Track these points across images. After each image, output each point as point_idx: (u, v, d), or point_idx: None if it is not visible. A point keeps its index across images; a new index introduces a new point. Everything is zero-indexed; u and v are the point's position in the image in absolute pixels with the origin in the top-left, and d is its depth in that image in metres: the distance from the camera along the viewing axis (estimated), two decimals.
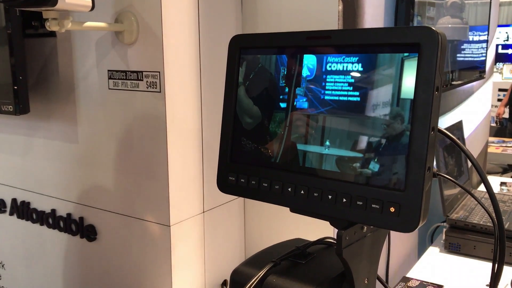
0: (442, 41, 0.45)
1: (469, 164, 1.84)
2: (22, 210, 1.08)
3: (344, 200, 0.49)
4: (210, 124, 0.90)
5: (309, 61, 0.53)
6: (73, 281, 1.03)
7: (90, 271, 0.99)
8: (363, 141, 0.49)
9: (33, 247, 1.08)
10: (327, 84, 0.52)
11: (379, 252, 0.61)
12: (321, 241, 0.62)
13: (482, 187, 2.04)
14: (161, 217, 0.85)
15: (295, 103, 0.53)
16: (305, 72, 0.53)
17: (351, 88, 0.50)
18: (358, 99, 0.49)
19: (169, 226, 0.85)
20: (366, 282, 0.56)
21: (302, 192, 0.52)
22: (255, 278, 0.53)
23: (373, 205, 0.48)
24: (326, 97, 0.52)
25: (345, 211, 0.50)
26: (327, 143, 0.51)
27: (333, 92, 0.51)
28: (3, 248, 1.16)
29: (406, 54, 0.47)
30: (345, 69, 0.51)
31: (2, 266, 1.17)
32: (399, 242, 1.53)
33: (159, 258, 0.87)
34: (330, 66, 0.51)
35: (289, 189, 0.52)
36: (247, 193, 0.56)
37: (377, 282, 0.63)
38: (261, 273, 0.54)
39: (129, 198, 0.89)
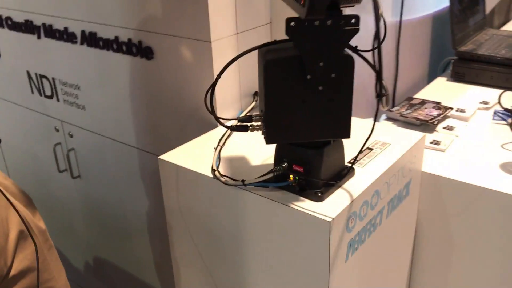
0: None
1: (488, 5, 1.93)
2: (90, 39, 1.32)
3: None
4: None
5: None
6: (136, 95, 1.30)
7: (149, 85, 1.25)
8: None
9: (102, 69, 1.35)
10: None
11: (337, 48, 0.77)
12: None
13: (504, 27, 2.14)
14: (204, 35, 1.07)
15: None
16: None
17: None
18: None
19: (210, 42, 1.07)
20: (321, 64, 0.75)
21: None
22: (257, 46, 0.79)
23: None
24: None
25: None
26: None
27: None
28: (78, 73, 1.43)
29: None
30: None
31: (79, 88, 1.45)
32: (408, 72, 1.72)
33: (203, 70, 1.11)
34: None
35: None
36: None
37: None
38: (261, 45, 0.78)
39: (177, 21, 1.11)
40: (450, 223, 1.13)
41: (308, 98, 0.79)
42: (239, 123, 0.90)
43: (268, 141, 0.83)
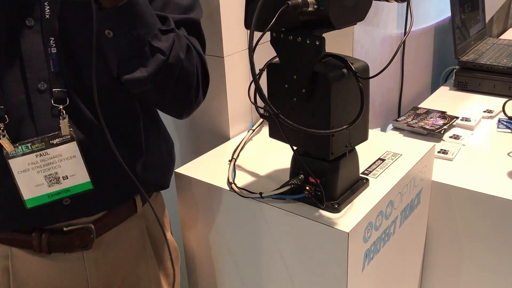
0: None
1: (486, 14, 1.96)
2: None
3: None
4: None
5: None
6: None
7: None
8: None
9: None
10: None
11: (307, 65, 0.81)
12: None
13: (503, 36, 2.18)
14: (216, 51, 1.10)
15: None
16: None
17: None
18: None
19: (223, 57, 1.09)
20: (294, 77, 0.79)
21: None
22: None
23: None
24: None
25: None
26: None
27: None
28: None
29: None
30: None
31: None
32: (412, 82, 1.75)
33: (216, 84, 1.13)
34: None
35: None
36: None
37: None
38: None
39: None
40: (459, 230, 1.15)
41: (295, 107, 0.82)
42: (264, 113, 1.02)
43: (270, 134, 0.90)
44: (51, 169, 0.78)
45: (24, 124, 0.75)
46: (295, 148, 0.85)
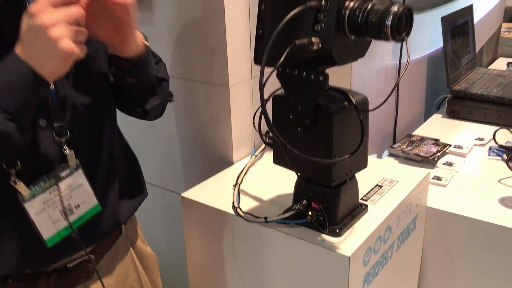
0: None
1: (477, 45, 2.04)
2: None
3: None
4: None
5: None
6: (154, 135, 1.36)
7: (167, 126, 1.31)
8: None
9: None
10: None
11: (310, 98, 0.87)
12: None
13: (492, 66, 2.26)
14: (222, 80, 1.15)
15: None
16: None
17: None
18: None
19: (228, 86, 1.15)
20: (299, 109, 0.85)
21: None
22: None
23: None
24: None
25: None
26: None
27: None
28: None
29: None
30: None
31: None
32: (406, 110, 1.81)
33: (222, 111, 1.18)
34: None
35: None
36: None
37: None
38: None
39: (196, 66, 1.18)
40: (453, 254, 1.19)
41: (299, 136, 0.87)
42: (268, 141, 1.09)
43: (274, 161, 0.94)
44: (64, 202, 0.78)
45: (33, 164, 0.75)
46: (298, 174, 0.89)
